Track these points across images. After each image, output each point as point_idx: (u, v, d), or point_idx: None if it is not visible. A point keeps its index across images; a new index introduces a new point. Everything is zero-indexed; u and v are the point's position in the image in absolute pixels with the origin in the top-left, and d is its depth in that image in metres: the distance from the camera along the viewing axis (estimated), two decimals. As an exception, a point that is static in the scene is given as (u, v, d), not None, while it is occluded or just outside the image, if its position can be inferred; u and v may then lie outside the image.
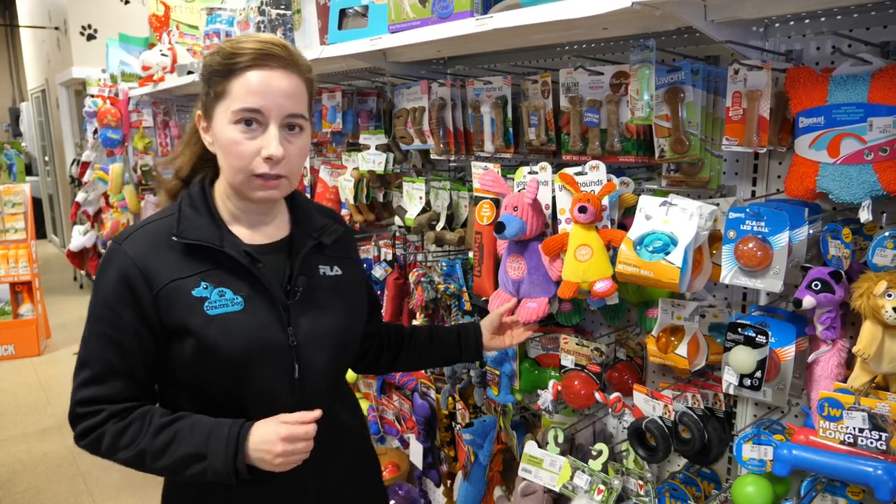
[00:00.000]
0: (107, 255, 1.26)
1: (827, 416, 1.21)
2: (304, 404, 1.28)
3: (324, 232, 1.39)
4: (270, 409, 1.26)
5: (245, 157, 1.21)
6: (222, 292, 1.24)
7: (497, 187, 1.68)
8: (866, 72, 1.18)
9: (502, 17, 1.47)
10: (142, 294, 1.21)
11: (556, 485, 1.69)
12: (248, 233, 1.32)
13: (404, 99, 2.15)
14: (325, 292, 1.36)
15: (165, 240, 1.25)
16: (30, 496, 3.63)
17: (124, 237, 1.26)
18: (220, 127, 1.23)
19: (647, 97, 1.41)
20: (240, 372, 1.25)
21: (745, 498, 1.37)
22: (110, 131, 4.02)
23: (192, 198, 1.30)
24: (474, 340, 1.64)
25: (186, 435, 1.21)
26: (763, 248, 1.26)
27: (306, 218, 1.40)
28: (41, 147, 10.58)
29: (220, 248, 1.24)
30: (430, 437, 2.42)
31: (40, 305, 6.08)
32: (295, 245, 1.35)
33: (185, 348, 1.23)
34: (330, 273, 1.39)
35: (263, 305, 1.27)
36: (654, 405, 1.52)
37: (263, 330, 1.25)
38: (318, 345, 1.32)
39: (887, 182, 1.15)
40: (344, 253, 1.44)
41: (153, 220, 1.30)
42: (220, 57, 1.22)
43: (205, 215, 1.28)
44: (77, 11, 7.61)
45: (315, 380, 1.32)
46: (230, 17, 2.97)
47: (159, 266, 1.22)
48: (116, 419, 1.23)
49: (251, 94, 1.20)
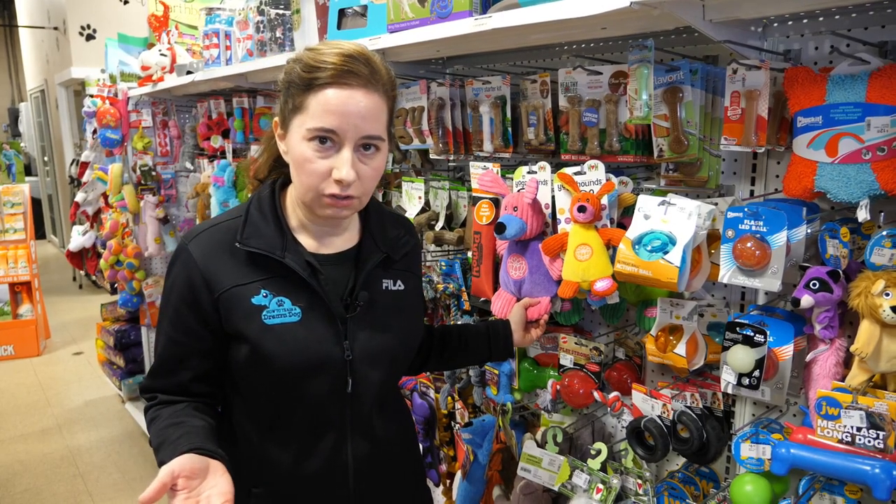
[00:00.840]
0: (174, 254, 1.28)
1: (825, 414, 1.21)
2: (354, 419, 1.31)
3: (394, 245, 1.37)
4: (318, 422, 1.29)
5: (316, 176, 1.18)
6: (281, 301, 1.24)
7: (496, 187, 1.68)
8: (864, 71, 1.18)
9: (501, 16, 1.47)
10: (203, 297, 1.23)
11: (555, 484, 1.69)
12: (314, 242, 1.31)
13: (403, 98, 2.16)
14: (385, 307, 1.34)
15: (229, 244, 1.24)
16: (29, 496, 3.63)
17: (192, 236, 1.27)
18: (294, 141, 1.20)
19: (645, 97, 1.41)
20: (292, 383, 1.25)
21: (743, 497, 1.37)
22: (109, 131, 4.01)
23: (261, 202, 1.30)
24: (504, 339, 1.62)
25: (167, 436, 1.20)
26: (761, 248, 1.26)
27: (378, 229, 1.37)
28: (40, 147, 10.58)
29: (282, 260, 1.23)
30: (429, 436, 2.42)
31: (40, 306, 6.09)
32: (362, 257, 1.33)
33: (241, 353, 1.24)
34: (392, 287, 1.36)
35: (321, 318, 1.26)
36: (653, 404, 1.52)
37: (319, 343, 1.25)
38: (374, 360, 1.31)
39: (885, 181, 1.15)
40: (409, 267, 1.42)
41: (222, 221, 1.29)
42: (301, 68, 1.18)
43: (270, 222, 1.27)
44: (76, 11, 7.61)
45: (368, 394, 1.32)
46: (229, 17, 2.97)
47: (221, 270, 1.23)
48: (160, 406, 1.28)
49: (328, 113, 1.15)
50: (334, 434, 1.31)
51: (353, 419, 1.31)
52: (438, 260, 2.26)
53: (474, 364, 1.76)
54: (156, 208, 4.02)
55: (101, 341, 5.14)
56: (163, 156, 4.03)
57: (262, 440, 1.31)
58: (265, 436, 1.31)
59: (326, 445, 1.31)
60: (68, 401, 4.88)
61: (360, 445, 1.34)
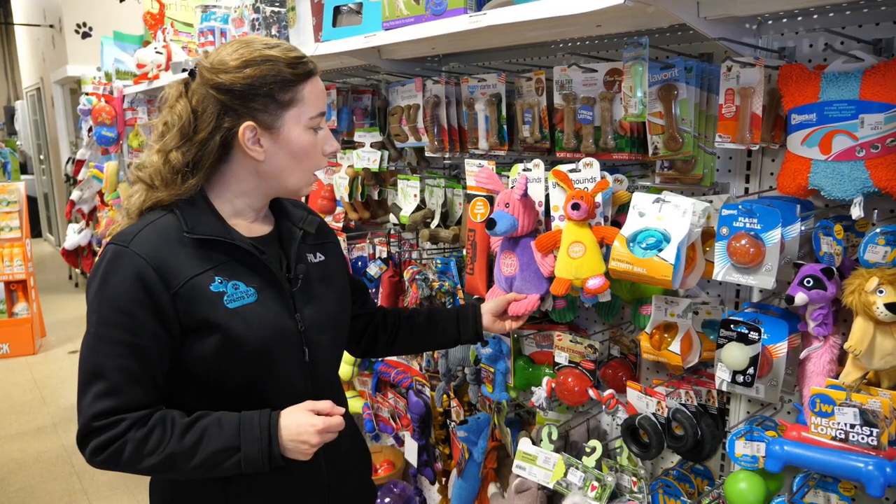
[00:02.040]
0: (110, 258, 1.21)
1: (819, 412, 1.21)
2: (315, 388, 1.35)
3: (304, 222, 1.43)
4: (287, 396, 1.30)
5: (319, 159, 1.33)
6: (236, 285, 1.26)
7: (491, 184, 1.68)
8: (858, 69, 1.18)
9: (496, 13, 1.47)
10: (159, 294, 1.19)
11: (550, 481, 1.69)
12: (245, 227, 1.34)
13: (399, 96, 2.15)
14: (317, 278, 1.41)
15: (176, 237, 1.23)
16: (24, 495, 3.62)
17: (129, 238, 1.22)
18: (294, 135, 1.27)
19: (640, 94, 1.41)
20: (261, 361, 1.28)
21: (737, 494, 1.37)
22: (105, 129, 4.01)
23: (190, 199, 1.28)
24: (473, 321, 1.63)
25: (215, 431, 1.22)
26: (755, 245, 1.26)
27: (286, 211, 1.44)
28: (36, 145, 10.54)
29: (232, 242, 1.26)
30: (424, 434, 2.42)
31: (35, 304, 6.07)
32: (284, 236, 1.39)
33: (207, 344, 1.23)
34: (315, 260, 1.43)
35: (274, 295, 1.30)
36: (648, 402, 1.52)
37: (277, 318, 1.29)
38: (322, 328, 1.38)
39: (879, 179, 1.16)
40: (323, 239, 1.49)
41: (152, 220, 1.26)
42: (285, 65, 1.24)
43: (206, 212, 1.28)
44: (72, 9, 7.58)
45: (322, 362, 1.39)
46: (225, 14, 2.97)
47: (174, 263, 1.21)
48: (137, 427, 1.19)
49: (320, 98, 1.30)
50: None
51: (314, 387, 1.36)
52: (434, 258, 2.26)
53: (444, 346, 1.75)
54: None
55: (96, 340, 5.11)
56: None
57: None
58: None
59: None
60: (64, 399, 4.86)
61: None
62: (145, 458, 1.19)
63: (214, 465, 1.21)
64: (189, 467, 1.21)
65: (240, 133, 1.24)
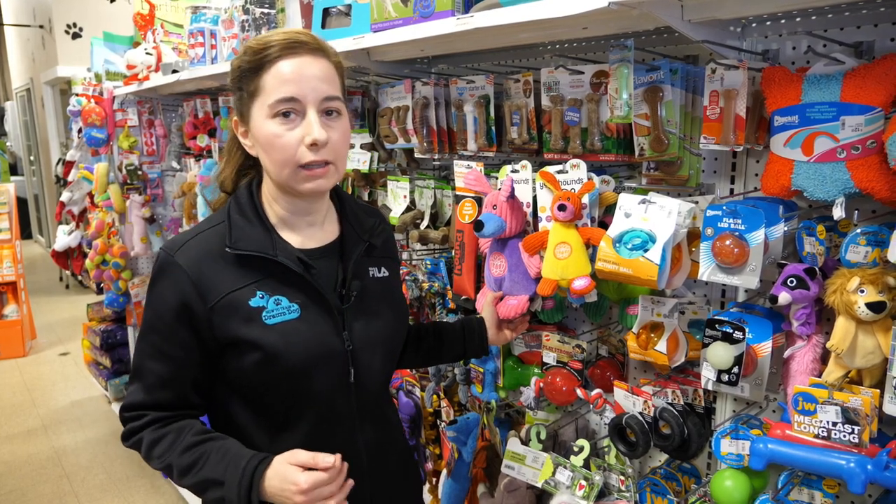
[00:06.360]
0: (159, 265, 1.25)
1: (801, 410, 1.22)
2: (361, 410, 1.32)
3: (373, 233, 1.39)
4: (328, 414, 1.28)
5: (289, 149, 1.19)
6: (278, 300, 1.24)
7: (479, 186, 1.68)
8: (839, 71, 1.19)
9: (482, 16, 1.48)
10: (196, 308, 1.21)
11: (539, 481, 1.70)
12: (298, 238, 1.31)
13: (388, 98, 2.16)
14: (375, 295, 1.36)
15: (218, 250, 1.24)
16: (15, 497, 3.61)
17: (177, 247, 1.24)
18: (258, 125, 1.21)
19: (626, 96, 1.43)
20: (300, 379, 1.25)
21: (723, 492, 1.38)
22: (95, 130, 3.99)
23: (240, 205, 1.29)
24: (479, 336, 1.63)
25: (213, 458, 1.20)
26: (739, 246, 1.27)
27: (355, 219, 1.39)
28: (26, 146, 10.49)
29: (274, 258, 1.24)
30: (414, 434, 2.43)
31: (25, 306, 6.04)
32: (346, 248, 1.35)
33: (245, 359, 1.23)
34: (378, 275, 1.39)
35: (319, 311, 1.27)
36: (635, 401, 1.53)
37: (321, 336, 1.26)
38: (373, 348, 1.33)
39: (860, 180, 1.17)
40: (389, 253, 1.45)
41: (203, 230, 1.28)
42: (249, 55, 1.21)
43: (255, 223, 1.27)
44: (62, 10, 7.56)
45: (369, 383, 1.34)
46: (215, 15, 2.96)
47: (214, 278, 1.22)
48: (156, 426, 1.24)
49: (285, 83, 1.18)
50: (344, 425, 1.32)
51: (360, 408, 1.32)
52: (424, 259, 2.26)
53: (449, 362, 1.77)
54: (142, 208, 4.00)
55: (87, 341, 5.11)
56: (149, 155, 4.01)
57: (273, 441, 1.29)
58: (276, 437, 1.29)
59: (338, 438, 1.31)
60: (54, 401, 4.85)
61: (368, 432, 1.36)
62: (153, 459, 1.24)
63: (202, 491, 1.22)
64: (183, 484, 1.23)
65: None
